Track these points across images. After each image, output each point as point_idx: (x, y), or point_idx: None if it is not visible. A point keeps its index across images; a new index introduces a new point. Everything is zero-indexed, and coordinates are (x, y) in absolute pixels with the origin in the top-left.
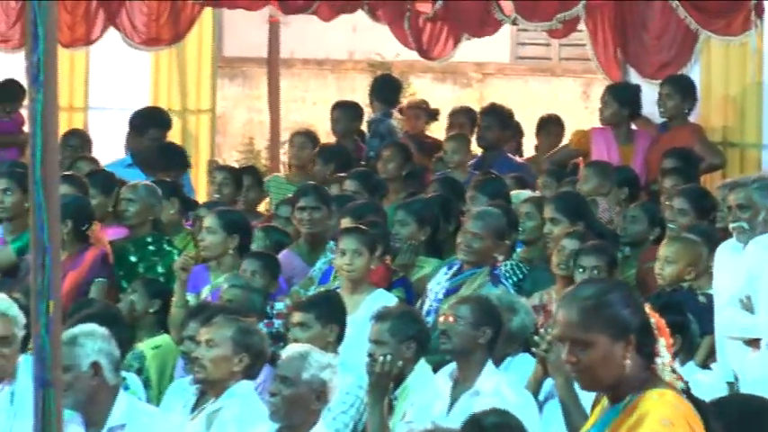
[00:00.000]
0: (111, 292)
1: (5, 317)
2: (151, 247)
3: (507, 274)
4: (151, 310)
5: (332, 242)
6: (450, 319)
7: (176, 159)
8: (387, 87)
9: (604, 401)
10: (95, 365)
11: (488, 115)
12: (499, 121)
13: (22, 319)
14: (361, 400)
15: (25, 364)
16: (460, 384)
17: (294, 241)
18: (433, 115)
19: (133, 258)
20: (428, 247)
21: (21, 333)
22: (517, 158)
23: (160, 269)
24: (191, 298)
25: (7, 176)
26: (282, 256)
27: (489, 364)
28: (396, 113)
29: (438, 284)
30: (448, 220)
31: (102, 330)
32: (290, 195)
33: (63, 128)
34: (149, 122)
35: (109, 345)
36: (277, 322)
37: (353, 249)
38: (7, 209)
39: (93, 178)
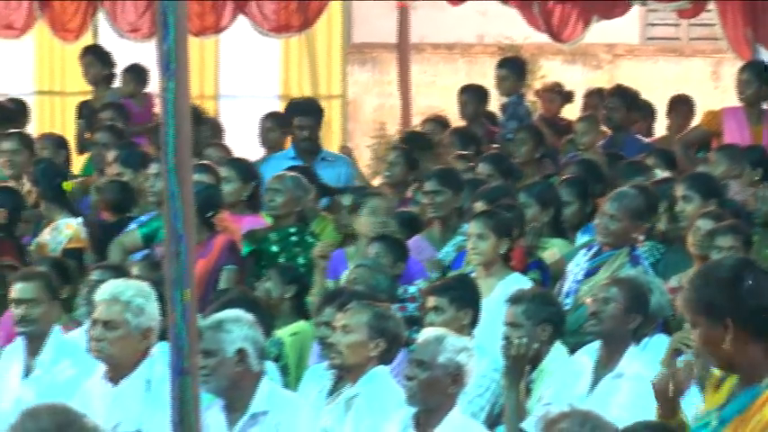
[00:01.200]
0: (241, 280)
1: (116, 301)
2: (293, 238)
3: (644, 255)
4: (287, 296)
5: (465, 225)
6: (602, 300)
7: None
8: (517, 69)
9: (731, 381)
10: (241, 352)
11: (614, 96)
12: (624, 101)
13: (141, 305)
14: (497, 383)
15: (162, 351)
16: (603, 366)
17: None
18: (567, 97)
19: (275, 249)
20: (552, 228)
21: (137, 320)
22: (645, 139)
23: (301, 260)
24: (331, 284)
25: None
26: (413, 241)
27: (632, 347)
28: (530, 95)
29: (577, 266)
30: (585, 201)
31: (249, 317)
32: None
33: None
34: (293, 111)
35: (255, 332)
36: (410, 306)
37: (477, 233)
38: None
39: (234, 164)
